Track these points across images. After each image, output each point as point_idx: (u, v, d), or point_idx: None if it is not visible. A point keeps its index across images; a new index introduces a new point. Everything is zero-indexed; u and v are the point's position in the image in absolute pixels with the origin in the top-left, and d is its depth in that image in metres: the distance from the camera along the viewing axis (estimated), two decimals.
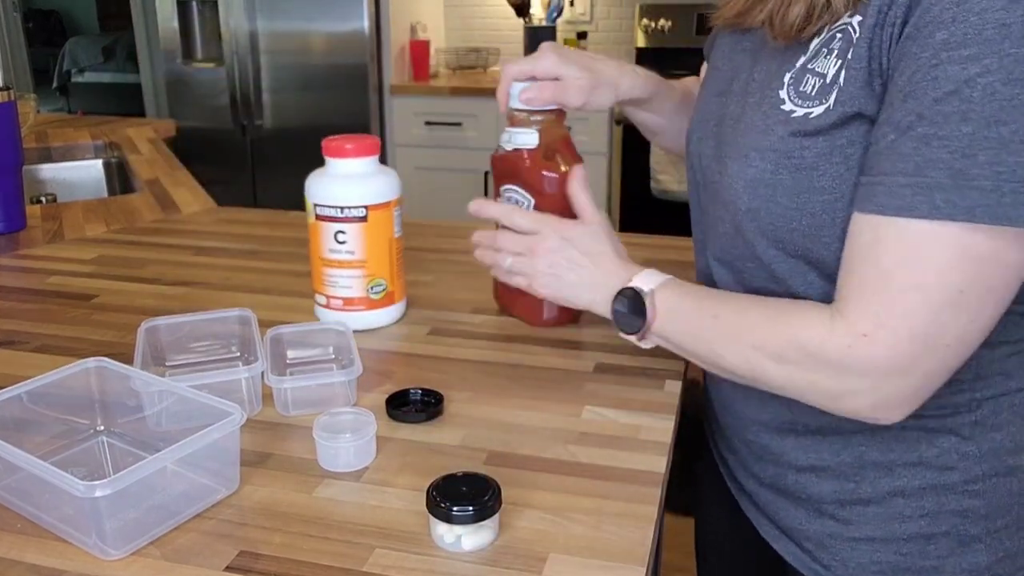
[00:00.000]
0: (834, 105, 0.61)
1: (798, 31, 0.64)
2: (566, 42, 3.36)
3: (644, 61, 3.39)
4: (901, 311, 0.57)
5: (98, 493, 0.54)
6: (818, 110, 0.62)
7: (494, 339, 0.92)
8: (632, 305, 0.74)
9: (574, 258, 0.80)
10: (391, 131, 3.32)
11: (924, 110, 0.55)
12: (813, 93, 0.63)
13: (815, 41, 0.64)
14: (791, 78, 0.65)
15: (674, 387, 0.81)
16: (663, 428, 0.74)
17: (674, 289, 0.73)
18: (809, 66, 0.64)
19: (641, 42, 3.40)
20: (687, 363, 0.87)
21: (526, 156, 0.87)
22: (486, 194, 3.25)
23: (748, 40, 0.74)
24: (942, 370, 0.59)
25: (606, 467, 0.68)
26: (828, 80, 0.62)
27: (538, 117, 0.88)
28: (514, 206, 0.86)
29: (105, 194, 1.95)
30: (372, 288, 0.91)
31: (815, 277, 0.66)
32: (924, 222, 0.55)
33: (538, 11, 3.35)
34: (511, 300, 0.96)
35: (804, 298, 0.66)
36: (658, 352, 0.89)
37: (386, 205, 0.90)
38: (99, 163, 1.98)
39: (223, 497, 0.64)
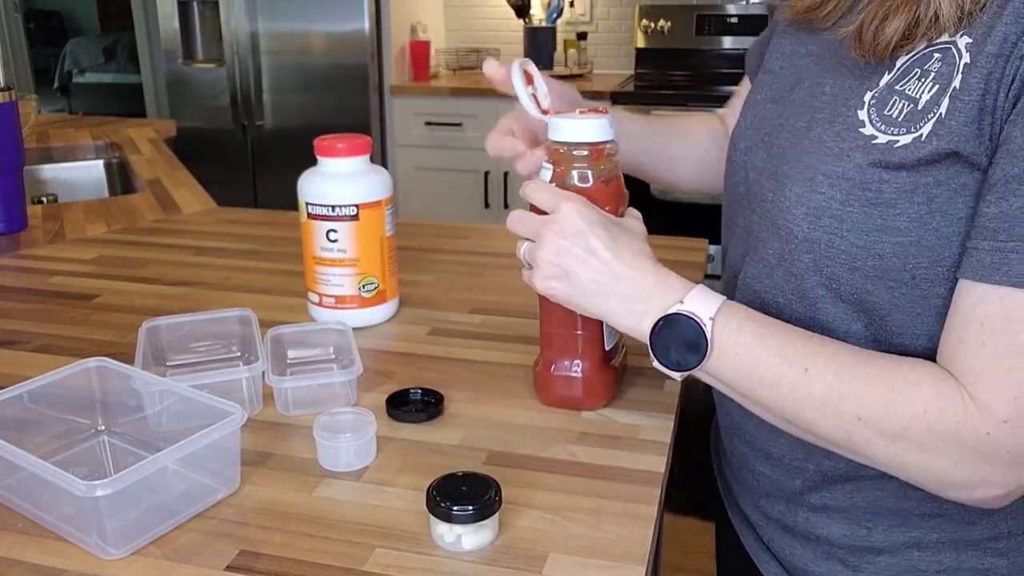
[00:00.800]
0: (927, 137, 0.53)
1: (893, 49, 0.56)
2: (566, 43, 3.36)
3: (644, 62, 3.40)
4: None
5: (99, 493, 0.55)
6: (905, 139, 0.55)
7: (494, 339, 0.92)
8: (685, 334, 0.60)
9: (594, 249, 0.63)
10: (391, 131, 3.32)
11: None
12: (900, 119, 0.55)
13: (903, 58, 0.57)
14: (874, 99, 0.58)
15: (674, 387, 0.81)
16: (663, 428, 0.74)
17: (742, 319, 0.60)
18: (897, 87, 0.56)
19: (641, 43, 3.40)
20: None
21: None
22: (486, 196, 3.25)
23: (814, 43, 0.67)
24: None
25: (606, 467, 0.68)
26: (921, 106, 0.54)
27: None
28: (541, 182, 0.69)
29: (106, 194, 1.95)
30: (364, 286, 0.92)
31: (860, 327, 0.60)
32: None
33: (538, 12, 3.35)
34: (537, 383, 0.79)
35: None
36: None
37: (377, 204, 0.90)
38: (100, 163, 1.98)
39: (224, 497, 0.64)
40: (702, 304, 0.61)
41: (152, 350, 0.81)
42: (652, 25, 3.36)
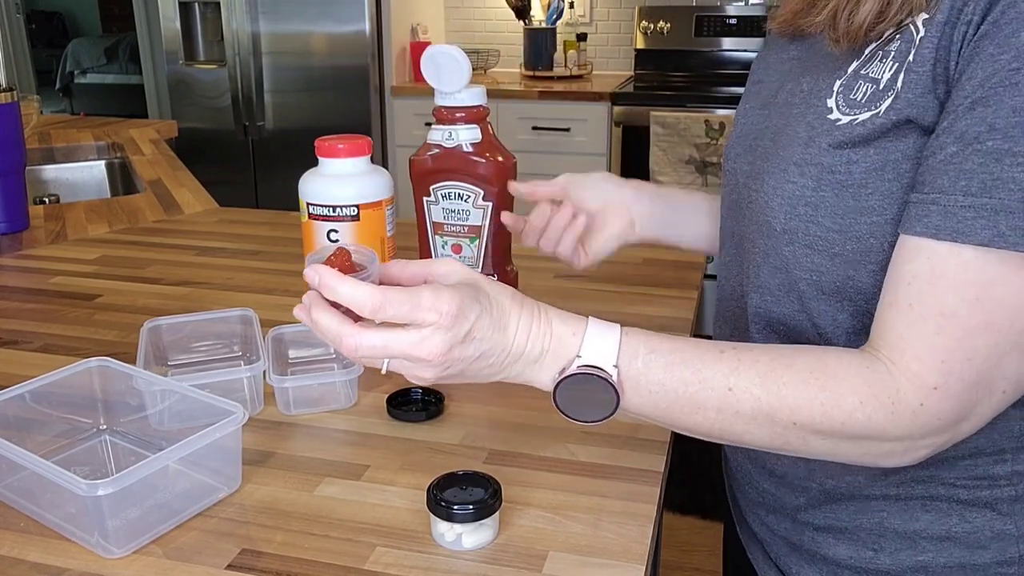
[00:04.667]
0: (885, 111, 0.54)
1: (867, 31, 0.56)
2: (566, 44, 3.36)
3: (643, 63, 3.40)
4: (966, 355, 0.50)
5: (100, 492, 0.55)
6: (864, 115, 0.55)
7: None
8: (590, 388, 0.55)
9: (477, 350, 0.54)
10: (392, 132, 3.32)
11: (998, 120, 0.48)
12: (863, 100, 0.56)
13: (872, 45, 0.57)
14: (841, 85, 0.58)
15: None
16: (662, 428, 0.74)
17: (645, 354, 0.55)
18: (862, 71, 0.57)
19: (640, 44, 3.40)
20: None
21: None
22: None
23: (795, 48, 0.68)
24: (991, 416, 0.53)
25: (605, 466, 0.69)
26: (882, 85, 0.55)
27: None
28: (371, 287, 0.53)
29: (108, 195, 1.95)
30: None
31: (845, 317, 0.59)
32: (987, 251, 0.48)
33: (538, 13, 3.35)
34: None
35: (830, 337, 0.60)
36: None
37: (378, 204, 0.90)
38: (102, 164, 1.98)
39: (225, 496, 0.65)
40: (600, 351, 0.55)
41: (154, 350, 0.82)
42: (651, 26, 3.36)
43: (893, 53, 0.55)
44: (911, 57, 0.53)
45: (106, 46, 6.13)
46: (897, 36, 0.55)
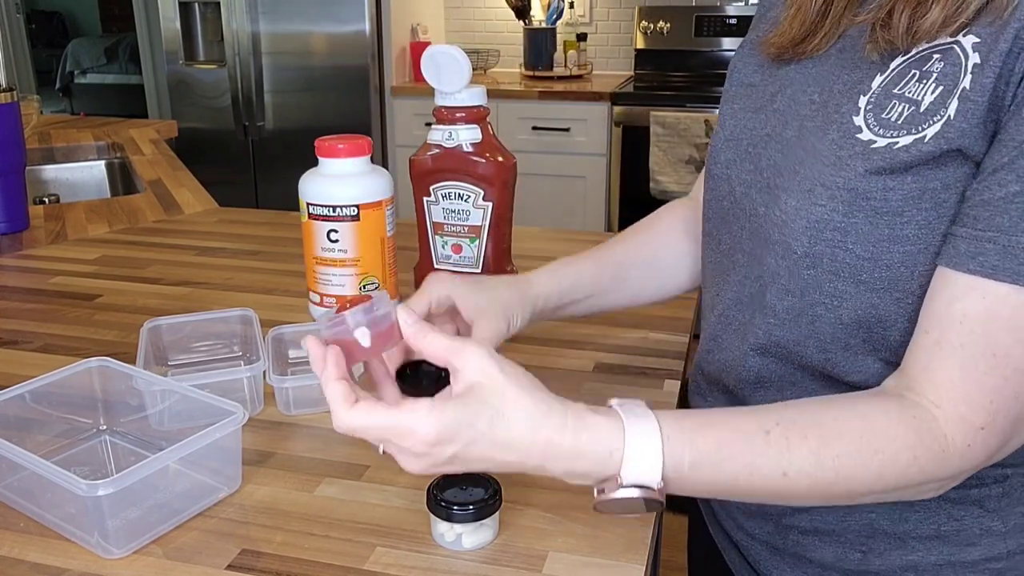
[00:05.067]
0: (932, 138, 0.51)
1: (923, 38, 0.53)
2: (566, 44, 3.36)
3: (643, 63, 3.40)
4: (1014, 392, 0.50)
5: (100, 492, 0.55)
6: (906, 140, 0.52)
7: None
8: (634, 501, 0.52)
9: (474, 465, 0.52)
10: (392, 132, 3.32)
11: None
12: (900, 122, 0.53)
13: (899, 59, 0.55)
14: (870, 103, 0.55)
15: (673, 387, 0.81)
16: None
17: (692, 457, 0.52)
18: (895, 91, 0.54)
19: (640, 44, 3.40)
20: (685, 363, 0.87)
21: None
22: None
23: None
24: (1020, 443, 0.54)
25: None
26: (923, 108, 0.52)
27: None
28: (360, 408, 0.51)
29: (108, 195, 1.95)
30: (364, 286, 0.92)
31: (858, 343, 0.58)
32: None
33: (538, 13, 3.35)
34: None
35: (846, 368, 0.59)
36: (657, 352, 0.89)
37: (378, 204, 0.90)
38: (101, 164, 1.98)
39: (225, 496, 0.65)
40: (642, 469, 0.51)
41: (154, 350, 0.82)
42: (651, 26, 3.36)
43: (935, 74, 0.52)
44: (966, 84, 0.51)
45: (106, 46, 6.13)
46: (936, 55, 0.53)
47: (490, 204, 0.91)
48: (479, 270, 0.95)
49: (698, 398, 0.76)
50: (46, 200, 1.75)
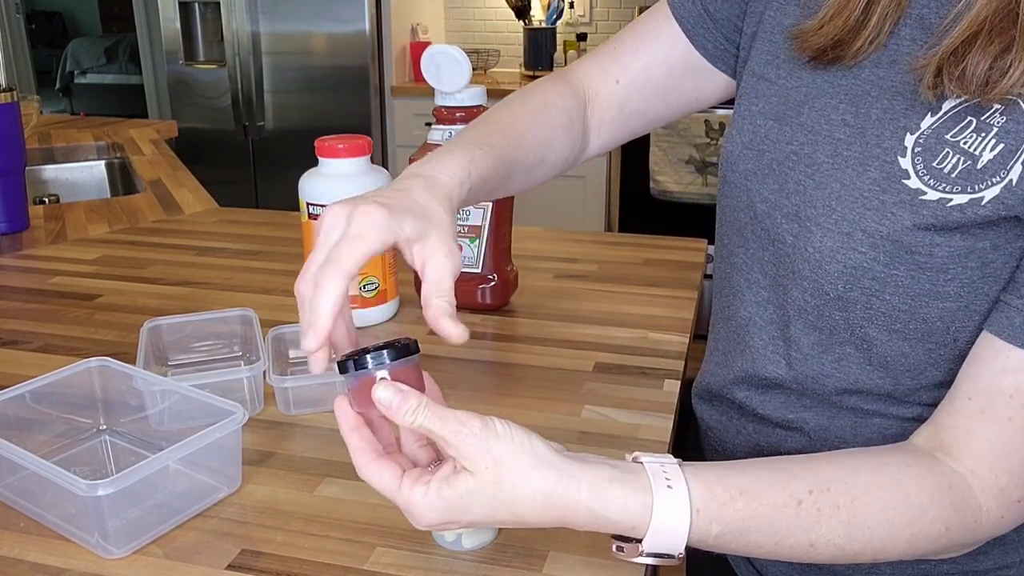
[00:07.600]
0: (989, 202, 0.48)
1: (998, 91, 0.48)
2: (566, 44, 3.36)
3: None
4: None
5: (100, 492, 0.55)
6: (960, 199, 0.49)
7: (494, 339, 0.92)
8: (657, 558, 0.50)
9: (499, 516, 0.48)
10: (392, 132, 3.32)
11: None
12: (955, 175, 0.49)
13: (951, 101, 0.50)
14: (918, 145, 0.51)
15: (673, 386, 0.81)
16: (662, 427, 0.74)
17: (719, 526, 0.49)
18: (949, 137, 0.50)
19: None
20: (685, 363, 0.87)
21: None
22: None
23: None
24: None
25: None
26: (980, 165, 0.49)
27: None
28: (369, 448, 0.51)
29: (108, 195, 1.95)
30: (364, 286, 0.92)
31: (884, 383, 0.56)
32: None
33: (538, 13, 3.36)
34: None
35: (865, 407, 0.58)
36: (658, 352, 0.89)
37: None
38: (101, 164, 1.99)
39: (225, 496, 0.65)
40: (667, 540, 0.49)
41: (154, 350, 0.82)
42: None
43: (996, 129, 0.48)
44: None
45: (106, 46, 6.14)
46: (997, 106, 0.48)
47: (490, 204, 0.91)
48: (479, 270, 0.95)
49: (703, 404, 0.76)
50: (46, 200, 1.75)
